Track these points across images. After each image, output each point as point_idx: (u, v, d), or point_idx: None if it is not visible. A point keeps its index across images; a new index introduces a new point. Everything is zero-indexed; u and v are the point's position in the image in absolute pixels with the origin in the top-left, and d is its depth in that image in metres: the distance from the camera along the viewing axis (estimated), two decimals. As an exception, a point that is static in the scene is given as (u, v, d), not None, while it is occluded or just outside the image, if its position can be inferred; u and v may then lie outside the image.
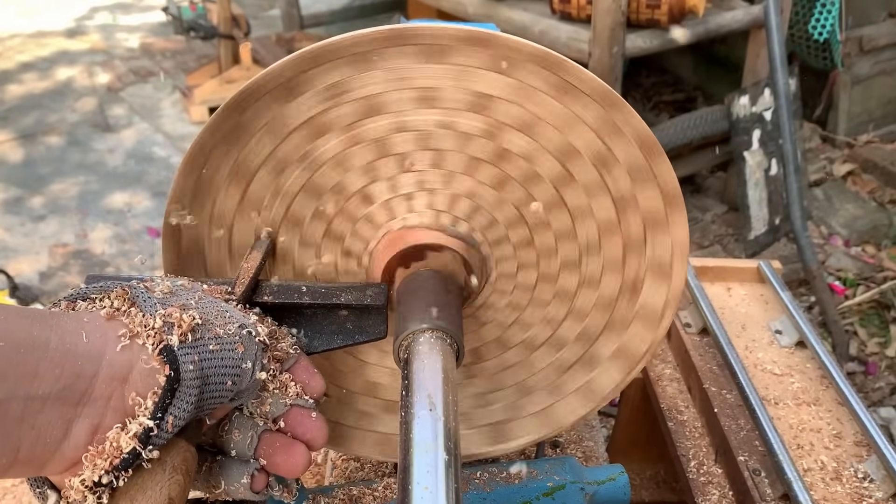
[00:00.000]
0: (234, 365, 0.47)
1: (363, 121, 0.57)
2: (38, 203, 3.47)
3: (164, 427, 0.43)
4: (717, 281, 1.23)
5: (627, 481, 0.68)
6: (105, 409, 0.42)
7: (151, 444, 0.42)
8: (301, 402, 0.52)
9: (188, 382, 0.44)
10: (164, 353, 0.43)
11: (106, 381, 0.42)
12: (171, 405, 0.43)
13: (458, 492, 0.41)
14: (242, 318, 0.49)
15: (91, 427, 0.41)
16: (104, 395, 0.42)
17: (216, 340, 0.46)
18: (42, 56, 5.34)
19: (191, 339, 0.45)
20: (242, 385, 0.48)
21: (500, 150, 0.58)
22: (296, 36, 4.66)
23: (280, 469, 0.51)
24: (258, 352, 0.49)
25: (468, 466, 0.68)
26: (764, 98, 2.75)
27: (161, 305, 0.46)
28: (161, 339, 0.44)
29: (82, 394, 0.41)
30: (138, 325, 0.44)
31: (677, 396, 1.03)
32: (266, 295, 0.56)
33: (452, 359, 0.51)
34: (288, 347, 0.54)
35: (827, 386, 0.99)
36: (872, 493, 0.83)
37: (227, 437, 0.51)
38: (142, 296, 0.46)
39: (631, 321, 0.65)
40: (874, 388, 2.28)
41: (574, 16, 2.67)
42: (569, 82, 0.54)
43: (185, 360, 0.44)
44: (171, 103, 4.50)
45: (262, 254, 0.59)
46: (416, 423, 0.44)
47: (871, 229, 2.92)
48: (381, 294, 0.57)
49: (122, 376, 0.43)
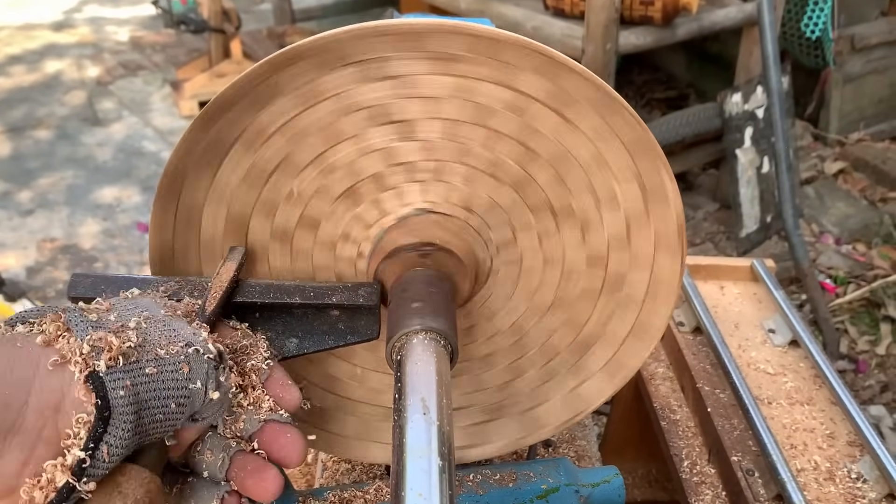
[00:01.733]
0: (178, 387, 0.45)
1: (340, 119, 0.55)
2: (26, 197, 3.44)
3: (99, 457, 0.41)
4: (710, 279, 1.22)
5: (622, 483, 0.67)
6: (37, 441, 0.40)
7: (87, 475, 0.40)
8: (276, 417, 0.50)
9: (120, 409, 0.42)
10: (91, 381, 0.41)
11: (37, 412, 0.40)
12: (105, 433, 0.41)
13: (452, 498, 0.40)
14: (191, 337, 0.47)
15: (21, 459, 0.39)
16: (35, 426, 0.40)
17: (155, 362, 0.44)
18: (31, 49, 5.29)
19: (121, 363, 0.42)
20: (195, 406, 0.46)
21: (524, 151, 0.57)
22: (287, 30, 4.64)
23: (251, 493, 0.49)
24: (209, 370, 0.47)
25: (461, 469, 0.67)
26: (756, 96, 2.75)
27: (93, 328, 0.43)
28: (88, 365, 0.41)
29: (11, 424, 0.39)
30: (68, 351, 0.42)
31: (670, 395, 1.03)
32: (254, 295, 0.55)
33: (446, 361, 0.50)
34: (260, 362, 0.52)
35: (820, 385, 0.99)
36: (866, 494, 0.83)
37: (200, 458, 0.49)
38: (75, 319, 0.44)
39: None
40: (864, 386, 2.29)
41: (567, 12, 2.66)
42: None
43: (115, 385, 0.42)
44: (161, 97, 4.47)
45: (237, 265, 0.56)
46: (409, 428, 0.43)
47: (862, 227, 2.93)
48: (373, 294, 0.56)
49: (54, 405, 0.41)
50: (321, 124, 0.55)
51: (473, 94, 0.54)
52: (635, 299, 0.63)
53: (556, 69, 0.52)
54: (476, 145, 0.57)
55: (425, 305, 0.53)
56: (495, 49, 0.51)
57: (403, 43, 0.51)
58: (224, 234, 0.60)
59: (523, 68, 0.52)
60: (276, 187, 0.58)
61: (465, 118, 0.55)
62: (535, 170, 0.58)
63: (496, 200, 0.59)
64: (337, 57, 0.52)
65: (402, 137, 0.56)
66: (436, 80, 0.54)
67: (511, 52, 0.51)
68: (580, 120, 0.55)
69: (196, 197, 0.58)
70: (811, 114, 3.45)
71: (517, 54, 0.51)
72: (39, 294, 2.76)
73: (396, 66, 0.53)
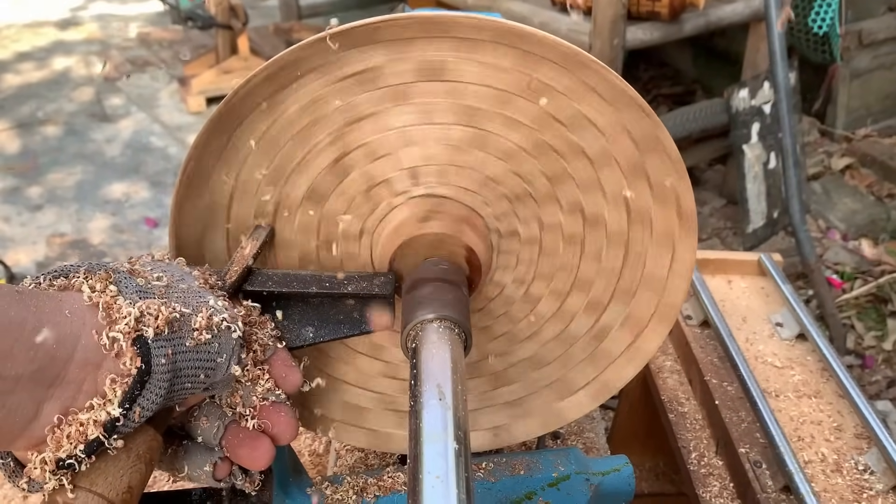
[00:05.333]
0: (208, 359, 0.47)
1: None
2: (35, 193, 3.46)
3: (130, 417, 0.43)
4: (717, 273, 1.23)
5: (632, 472, 0.68)
6: (77, 393, 0.42)
7: (117, 433, 0.43)
8: (272, 397, 0.52)
9: (158, 376, 0.44)
10: (138, 345, 0.43)
11: (80, 366, 0.42)
12: (139, 396, 0.43)
13: (468, 480, 0.41)
14: (224, 312, 0.49)
15: (62, 409, 0.42)
16: (77, 379, 0.42)
17: (194, 335, 0.46)
18: (39, 46, 5.31)
19: (166, 332, 0.44)
20: (216, 378, 0.48)
21: (538, 141, 0.58)
22: (293, 26, 4.64)
23: (243, 461, 0.51)
24: (235, 347, 0.49)
25: (473, 457, 0.68)
26: (763, 91, 2.74)
27: (141, 295, 0.45)
28: (136, 330, 0.43)
29: (55, 376, 0.41)
30: (116, 313, 0.44)
31: (678, 388, 1.03)
32: (272, 284, 0.56)
33: (461, 348, 0.51)
34: (267, 339, 0.53)
35: (828, 378, 1.00)
36: (873, 485, 0.84)
37: (195, 424, 0.51)
38: (124, 282, 0.45)
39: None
40: (871, 381, 2.29)
41: (574, 6, 2.66)
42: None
43: (159, 353, 0.44)
44: (169, 93, 4.48)
45: (260, 243, 0.58)
46: (425, 413, 0.44)
47: (868, 223, 2.92)
48: (388, 284, 0.57)
49: (97, 362, 0.43)
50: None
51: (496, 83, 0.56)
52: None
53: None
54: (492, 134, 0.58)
55: (439, 294, 0.54)
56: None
57: (432, 29, 0.53)
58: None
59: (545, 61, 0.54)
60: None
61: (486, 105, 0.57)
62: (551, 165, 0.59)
63: (510, 191, 0.60)
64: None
65: (421, 122, 0.57)
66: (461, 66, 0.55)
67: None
68: (596, 116, 0.57)
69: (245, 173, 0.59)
70: (818, 109, 3.44)
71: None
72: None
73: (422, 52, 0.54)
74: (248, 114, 0.56)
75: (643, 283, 0.64)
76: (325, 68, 0.54)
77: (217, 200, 0.60)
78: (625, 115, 0.57)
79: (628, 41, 2.51)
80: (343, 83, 0.55)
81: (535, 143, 0.58)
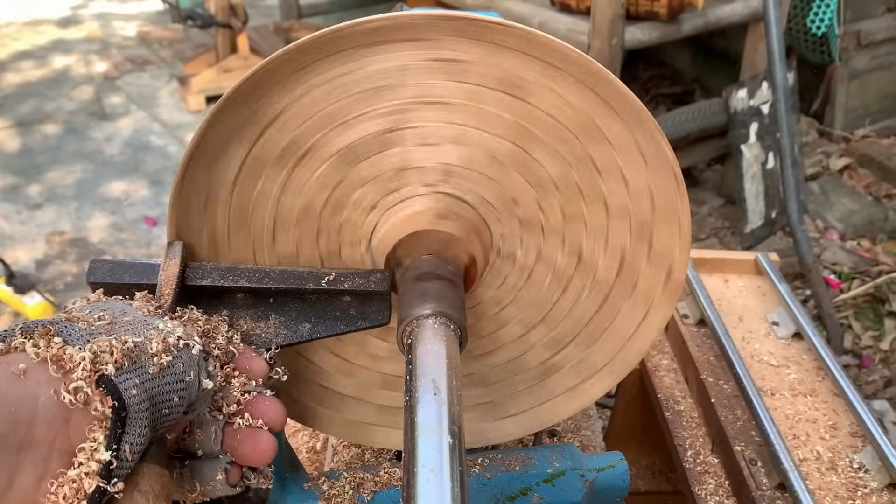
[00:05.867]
0: (177, 380, 0.46)
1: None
2: (34, 191, 3.46)
3: (123, 458, 0.42)
4: (714, 272, 1.23)
5: (627, 469, 0.69)
6: (50, 453, 0.41)
7: (115, 476, 0.42)
8: (250, 388, 0.52)
9: (136, 407, 0.43)
10: (103, 385, 0.42)
11: (45, 425, 0.41)
12: (124, 433, 0.42)
13: (462, 474, 0.41)
14: (177, 331, 0.48)
15: (37, 472, 0.41)
16: (47, 439, 0.41)
17: (153, 360, 0.45)
18: (38, 44, 5.31)
19: (126, 364, 0.44)
20: (192, 397, 0.47)
21: (571, 180, 0.59)
22: (293, 25, 4.65)
23: (249, 459, 0.51)
24: (199, 361, 0.48)
25: (468, 453, 0.69)
26: (762, 91, 2.75)
27: (89, 336, 0.44)
28: (96, 371, 0.42)
29: (21, 441, 0.40)
30: (69, 363, 0.42)
31: (674, 387, 1.04)
32: (268, 280, 0.56)
33: (456, 344, 0.51)
34: (225, 343, 0.53)
35: (823, 377, 1.00)
36: (867, 483, 0.84)
37: (191, 440, 0.51)
38: (67, 330, 0.44)
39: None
40: (868, 380, 2.29)
41: (573, 7, 2.66)
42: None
43: (127, 384, 0.43)
44: (169, 92, 4.48)
45: (180, 259, 0.56)
46: (420, 408, 0.45)
47: (866, 223, 2.93)
48: (384, 280, 0.58)
49: (63, 417, 0.41)
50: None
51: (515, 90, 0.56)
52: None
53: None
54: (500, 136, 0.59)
55: (435, 291, 0.54)
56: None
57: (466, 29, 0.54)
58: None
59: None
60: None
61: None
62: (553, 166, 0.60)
63: (525, 216, 0.62)
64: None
65: (479, 126, 0.58)
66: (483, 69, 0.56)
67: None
68: (631, 173, 0.59)
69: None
70: (816, 110, 3.44)
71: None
72: (48, 287, 2.78)
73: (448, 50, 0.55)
74: (333, 53, 0.55)
75: (608, 334, 0.66)
76: (422, 44, 0.55)
77: (224, 174, 0.59)
78: (657, 179, 0.58)
79: (627, 41, 2.51)
80: (432, 63, 0.55)
81: (568, 181, 0.60)
